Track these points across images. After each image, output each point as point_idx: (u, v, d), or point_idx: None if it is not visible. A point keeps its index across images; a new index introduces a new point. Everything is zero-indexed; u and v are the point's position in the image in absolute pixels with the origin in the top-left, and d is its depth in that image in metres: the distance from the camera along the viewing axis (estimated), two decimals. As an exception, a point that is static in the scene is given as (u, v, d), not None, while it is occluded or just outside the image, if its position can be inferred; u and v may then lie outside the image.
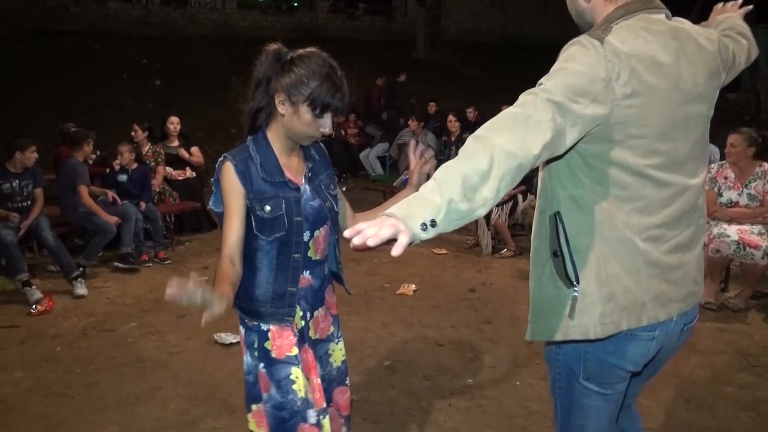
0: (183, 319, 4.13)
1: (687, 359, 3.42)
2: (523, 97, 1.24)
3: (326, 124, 1.61)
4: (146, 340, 3.82)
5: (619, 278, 1.35)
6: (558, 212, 1.38)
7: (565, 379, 1.49)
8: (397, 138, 8.03)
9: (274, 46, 1.61)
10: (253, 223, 1.62)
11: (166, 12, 14.75)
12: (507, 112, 1.21)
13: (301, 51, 1.61)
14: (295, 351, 1.68)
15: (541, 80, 1.27)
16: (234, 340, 3.71)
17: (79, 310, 4.37)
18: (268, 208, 1.60)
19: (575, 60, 1.27)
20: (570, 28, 1.54)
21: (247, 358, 1.74)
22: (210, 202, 1.67)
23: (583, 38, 1.31)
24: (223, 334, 3.77)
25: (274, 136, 1.66)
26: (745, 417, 2.83)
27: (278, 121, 1.63)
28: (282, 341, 1.68)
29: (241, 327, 1.76)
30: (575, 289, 1.35)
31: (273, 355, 1.67)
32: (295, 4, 18.80)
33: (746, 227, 4.19)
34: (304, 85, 1.56)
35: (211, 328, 3.93)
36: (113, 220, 5.17)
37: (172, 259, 5.64)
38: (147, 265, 5.45)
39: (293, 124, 1.61)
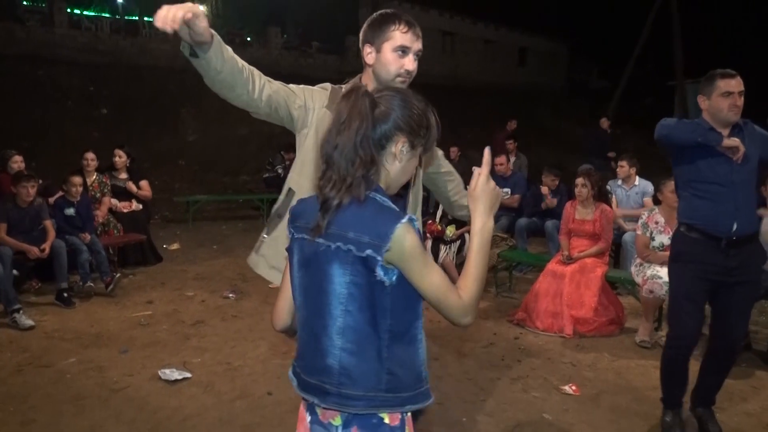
0: (125, 355, 4.01)
1: (624, 395, 3.58)
2: None
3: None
4: (86, 376, 3.68)
5: None
6: None
7: None
8: None
9: (363, 89, 1.31)
10: None
11: (115, 40, 14.61)
12: None
13: (394, 90, 1.38)
14: None
15: None
16: (179, 377, 3.63)
17: (13, 344, 4.18)
18: None
19: None
20: (512, 74, 1.73)
21: None
22: (383, 275, 1.28)
23: None
24: (167, 370, 3.69)
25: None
26: (676, 451, 2.99)
27: (385, 170, 1.36)
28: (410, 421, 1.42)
29: None
30: None
31: None
32: (248, 39, 18.90)
33: (676, 269, 4.44)
34: (424, 129, 1.36)
35: (155, 363, 3.85)
36: (33, 251, 4.91)
37: (115, 292, 5.47)
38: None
39: (401, 171, 1.37)
